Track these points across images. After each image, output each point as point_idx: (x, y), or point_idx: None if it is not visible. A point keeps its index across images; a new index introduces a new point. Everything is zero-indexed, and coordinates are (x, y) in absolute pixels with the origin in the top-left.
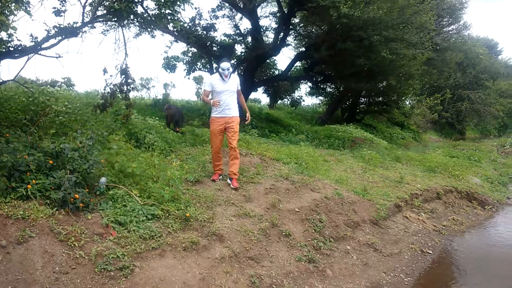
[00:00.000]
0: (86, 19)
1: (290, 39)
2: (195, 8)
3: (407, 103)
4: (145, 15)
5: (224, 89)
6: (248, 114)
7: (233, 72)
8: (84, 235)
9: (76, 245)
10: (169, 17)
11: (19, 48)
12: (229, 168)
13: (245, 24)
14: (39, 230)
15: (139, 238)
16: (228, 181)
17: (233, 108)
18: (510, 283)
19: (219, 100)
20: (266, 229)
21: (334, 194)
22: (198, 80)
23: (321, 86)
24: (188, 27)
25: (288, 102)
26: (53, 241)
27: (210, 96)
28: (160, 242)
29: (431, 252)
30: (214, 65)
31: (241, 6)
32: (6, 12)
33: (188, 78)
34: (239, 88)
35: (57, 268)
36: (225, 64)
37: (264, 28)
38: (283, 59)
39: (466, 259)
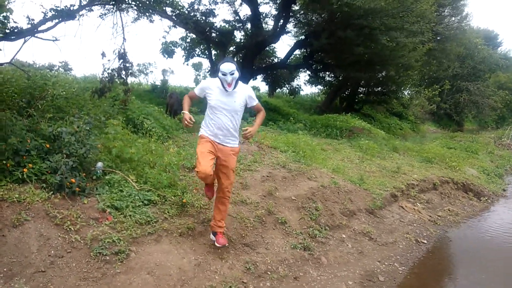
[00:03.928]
0: (84, 2)
1: (290, 26)
2: None
3: (406, 93)
4: None
5: (224, 105)
6: (251, 129)
7: (238, 78)
8: (80, 219)
9: (72, 229)
10: (167, 1)
11: (15, 31)
12: (213, 216)
13: (245, 11)
14: (34, 214)
15: (135, 223)
16: (212, 236)
17: (235, 136)
18: (504, 274)
19: (212, 120)
20: (262, 216)
21: (330, 183)
22: (197, 67)
23: (320, 74)
24: (186, 12)
25: (287, 90)
26: (48, 224)
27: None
28: (156, 227)
29: (426, 242)
30: (213, 52)
31: None
32: None
33: (187, 64)
34: (255, 103)
35: (52, 252)
36: (228, 66)
37: (264, 15)
38: (283, 47)
39: (461, 250)
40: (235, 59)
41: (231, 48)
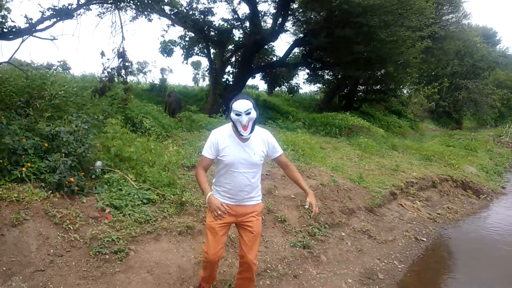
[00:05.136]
0: (82, 1)
1: (288, 25)
2: None
3: (405, 91)
4: None
5: (242, 161)
6: (312, 200)
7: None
8: (79, 218)
9: (71, 228)
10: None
11: (13, 30)
12: None
13: (243, 9)
14: (33, 213)
15: (134, 222)
16: None
17: (255, 193)
18: (502, 271)
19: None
20: (262, 215)
21: (330, 181)
22: (196, 65)
23: (319, 73)
24: (185, 11)
25: (286, 89)
26: (47, 224)
27: (209, 174)
28: (156, 226)
29: (425, 239)
30: (212, 50)
31: None
32: None
33: (186, 63)
34: (279, 153)
35: (51, 251)
36: (243, 104)
37: (262, 13)
38: (281, 45)
39: (460, 247)
40: (234, 58)
41: (230, 47)
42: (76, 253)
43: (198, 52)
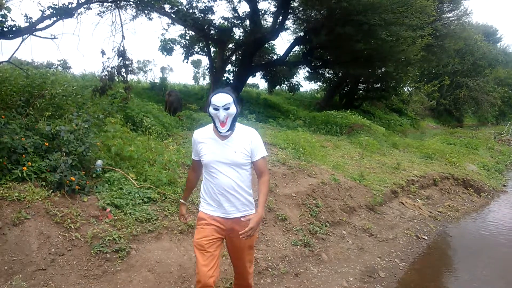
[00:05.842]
0: (82, 0)
1: (289, 23)
2: None
3: (406, 90)
4: None
5: (221, 159)
6: (253, 220)
7: (238, 106)
8: (80, 217)
9: (72, 227)
10: None
11: (13, 29)
12: None
13: (244, 7)
14: (34, 212)
15: (135, 221)
16: None
17: (246, 200)
18: (503, 269)
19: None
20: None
21: (330, 179)
22: (196, 64)
23: (320, 71)
24: (185, 9)
25: (286, 87)
26: (49, 223)
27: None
28: (157, 225)
29: (426, 238)
30: (212, 49)
31: None
32: None
33: (186, 61)
34: (261, 155)
35: (53, 250)
36: (221, 98)
37: (262, 11)
38: (282, 43)
39: (461, 246)
40: (234, 56)
41: (230, 45)
42: (77, 252)
43: (198, 50)
